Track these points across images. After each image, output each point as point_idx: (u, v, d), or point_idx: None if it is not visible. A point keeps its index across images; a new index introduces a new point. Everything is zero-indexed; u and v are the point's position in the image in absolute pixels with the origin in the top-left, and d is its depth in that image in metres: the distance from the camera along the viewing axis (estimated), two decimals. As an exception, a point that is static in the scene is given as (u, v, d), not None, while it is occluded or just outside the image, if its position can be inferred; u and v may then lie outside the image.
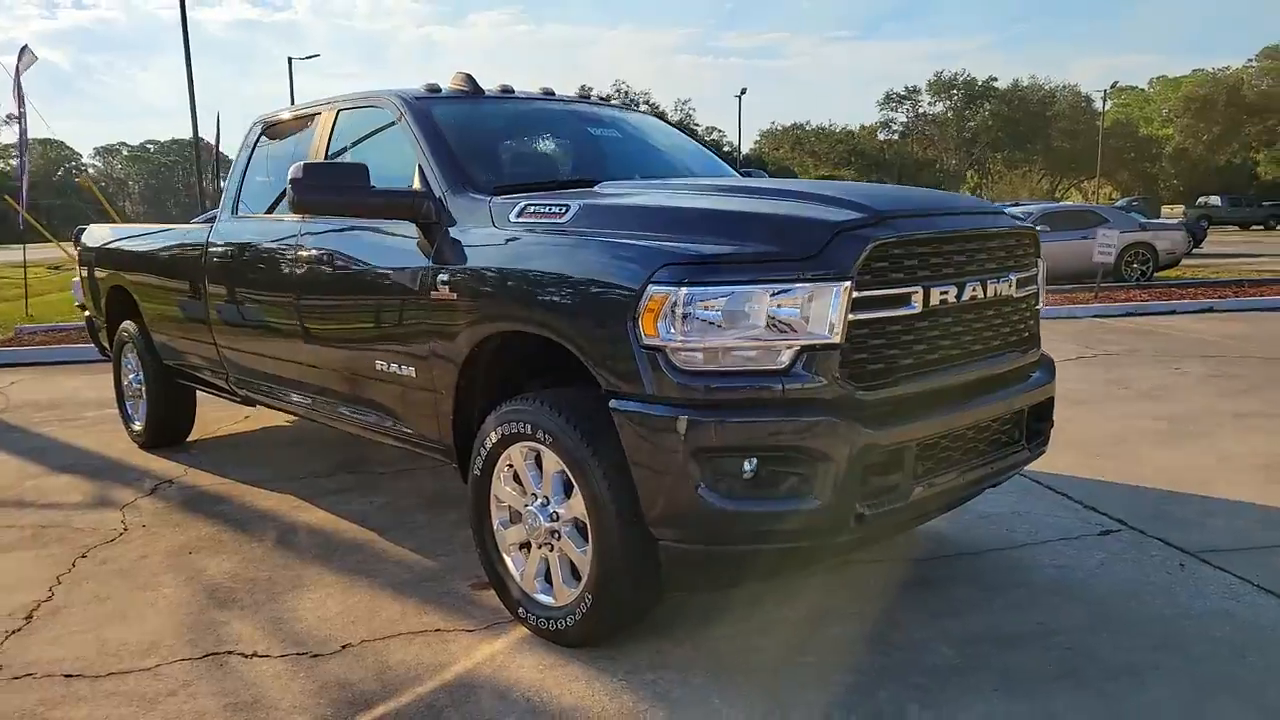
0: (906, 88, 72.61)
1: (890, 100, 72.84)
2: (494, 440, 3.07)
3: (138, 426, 5.91)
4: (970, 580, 3.48)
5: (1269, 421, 5.91)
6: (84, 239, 6.51)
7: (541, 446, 2.92)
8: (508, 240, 3.06)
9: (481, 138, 3.78)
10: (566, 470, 2.85)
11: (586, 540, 2.85)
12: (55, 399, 7.80)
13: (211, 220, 5.04)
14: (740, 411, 2.52)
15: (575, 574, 2.94)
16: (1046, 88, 73.32)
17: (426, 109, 3.71)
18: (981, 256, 2.92)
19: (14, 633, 3.26)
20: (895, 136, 73.62)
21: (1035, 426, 3.24)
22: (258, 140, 4.69)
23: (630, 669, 2.86)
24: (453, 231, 3.28)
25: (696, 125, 73.76)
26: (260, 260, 4.31)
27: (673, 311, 2.52)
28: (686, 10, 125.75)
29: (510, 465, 3.09)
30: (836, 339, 2.52)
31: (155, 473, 5.30)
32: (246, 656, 3.04)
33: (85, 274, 6.44)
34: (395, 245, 3.51)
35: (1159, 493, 4.46)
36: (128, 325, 5.84)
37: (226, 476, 5.18)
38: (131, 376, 5.94)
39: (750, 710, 2.61)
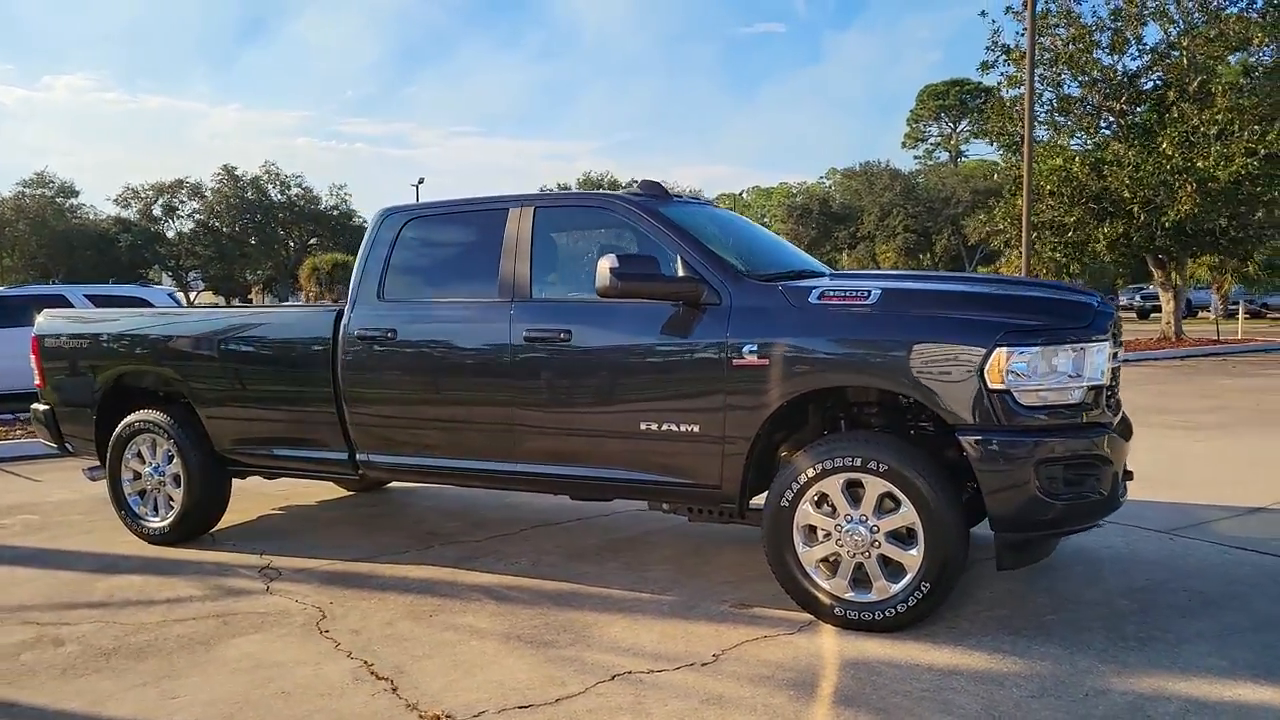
0: (559, 185, 77.63)
1: (543, 196, 77.46)
2: (811, 474, 3.88)
3: (157, 522, 5.59)
4: (1076, 560, 4.79)
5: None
6: (48, 325, 6.02)
7: (866, 475, 3.79)
8: (819, 317, 3.92)
9: (709, 235, 4.55)
10: (895, 491, 3.75)
11: (910, 544, 3.76)
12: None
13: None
14: (1060, 433, 3.64)
15: (892, 573, 3.82)
16: (674, 191, 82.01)
17: (661, 210, 4.44)
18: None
19: (392, 691, 3.43)
20: (549, 230, 78.07)
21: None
22: (400, 231, 4.97)
23: (953, 638, 3.78)
24: (744, 311, 4.05)
25: (354, 211, 73.11)
26: (452, 340, 4.65)
27: (1012, 364, 3.59)
28: (302, 94, 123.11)
29: (820, 494, 3.90)
30: (1104, 380, 3.73)
31: (231, 564, 5.15)
32: (645, 674, 3.52)
33: (53, 364, 5.94)
34: (659, 322, 4.17)
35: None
36: (150, 416, 5.56)
37: (320, 557, 5.20)
38: (148, 470, 5.62)
39: (1062, 645, 3.66)
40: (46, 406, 6.08)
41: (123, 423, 5.67)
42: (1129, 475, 4.04)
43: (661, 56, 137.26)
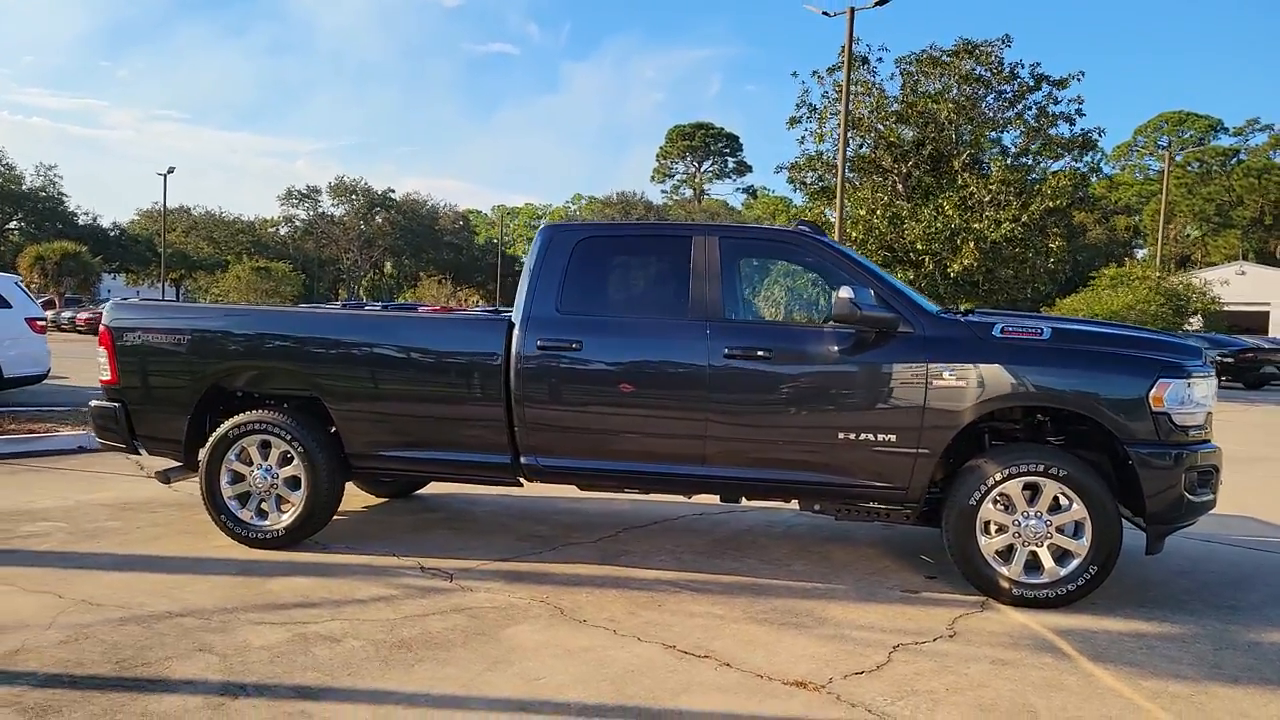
0: (308, 186, 74.37)
1: (292, 197, 73.66)
2: (998, 478, 4.71)
3: (268, 525, 5.43)
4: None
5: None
6: (127, 317, 5.65)
7: (1045, 479, 4.68)
8: (1009, 349, 4.77)
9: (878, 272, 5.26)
10: (1068, 491, 4.67)
11: (1078, 536, 4.69)
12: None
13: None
14: (1194, 446, 4.72)
15: (1059, 559, 4.73)
16: (430, 204, 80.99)
17: (843, 249, 5.12)
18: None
19: (726, 665, 3.86)
20: (298, 232, 74.36)
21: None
22: (574, 249, 5.26)
23: (1103, 611, 4.72)
24: (939, 340, 4.82)
25: (65, 196, 65.93)
26: (646, 353, 5.05)
27: (1168, 393, 4.63)
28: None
29: (1003, 494, 4.75)
30: (1213, 406, 4.88)
31: (385, 566, 5.18)
32: (915, 645, 4.18)
33: (135, 360, 5.59)
34: (857, 345, 4.86)
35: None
36: (268, 417, 5.40)
37: (460, 558, 5.33)
38: (258, 472, 5.44)
39: (1184, 613, 4.73)
40: (116, 404, 5.67)
41: (230, 422, 5.45)
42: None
43: (399, 67, 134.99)
